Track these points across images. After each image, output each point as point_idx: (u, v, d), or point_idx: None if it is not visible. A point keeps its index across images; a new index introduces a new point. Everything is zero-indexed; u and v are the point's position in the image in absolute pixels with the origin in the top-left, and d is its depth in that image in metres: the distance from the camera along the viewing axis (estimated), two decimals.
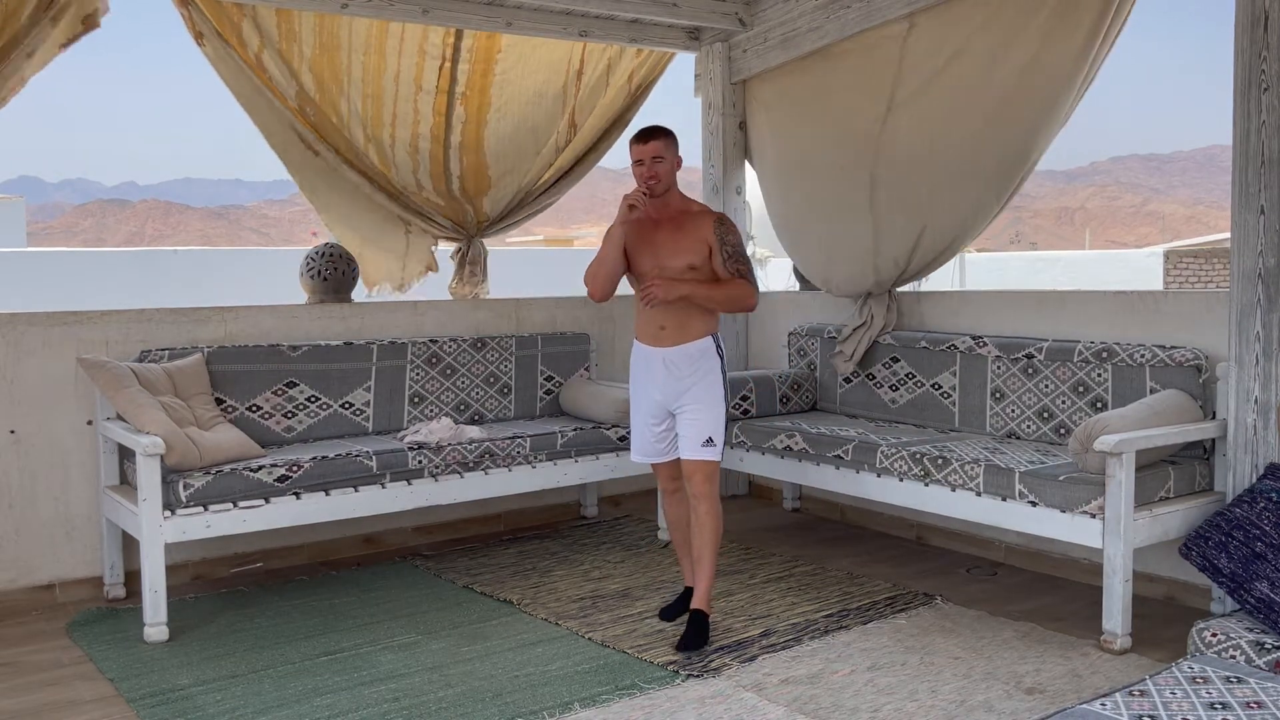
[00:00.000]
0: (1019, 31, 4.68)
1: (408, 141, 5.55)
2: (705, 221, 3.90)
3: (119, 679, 3.60)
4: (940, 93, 5.01)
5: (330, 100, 5.33)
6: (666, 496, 4.18)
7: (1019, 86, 4.72)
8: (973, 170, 4.92)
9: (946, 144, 4.98)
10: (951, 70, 4.96)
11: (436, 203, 5.70)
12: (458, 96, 5.60)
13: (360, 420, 5.02)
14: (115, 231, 69.58)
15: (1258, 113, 3.75)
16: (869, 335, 5.34)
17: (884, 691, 3.43)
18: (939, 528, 5.19)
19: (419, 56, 5.45)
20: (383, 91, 5.43)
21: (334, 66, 5.29)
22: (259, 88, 5.16)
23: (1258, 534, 3.46)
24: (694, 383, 3.90)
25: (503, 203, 5.88)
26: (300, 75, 5.21)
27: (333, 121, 5.35)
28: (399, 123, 5.51)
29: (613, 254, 3.88)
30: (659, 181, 3.84)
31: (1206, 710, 2.37)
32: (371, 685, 3.52)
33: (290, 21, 5.12)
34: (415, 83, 5.48)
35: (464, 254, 5.83)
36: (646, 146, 3.84)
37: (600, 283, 3.92)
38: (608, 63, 5.98)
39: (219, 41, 5.01)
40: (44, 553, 4.46)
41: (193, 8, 4.94)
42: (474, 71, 5.61)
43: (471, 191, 5.79)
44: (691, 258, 3.86)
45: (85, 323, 4.56)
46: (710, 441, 3.89)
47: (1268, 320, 3.77)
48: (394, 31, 5.34)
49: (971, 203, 4.98)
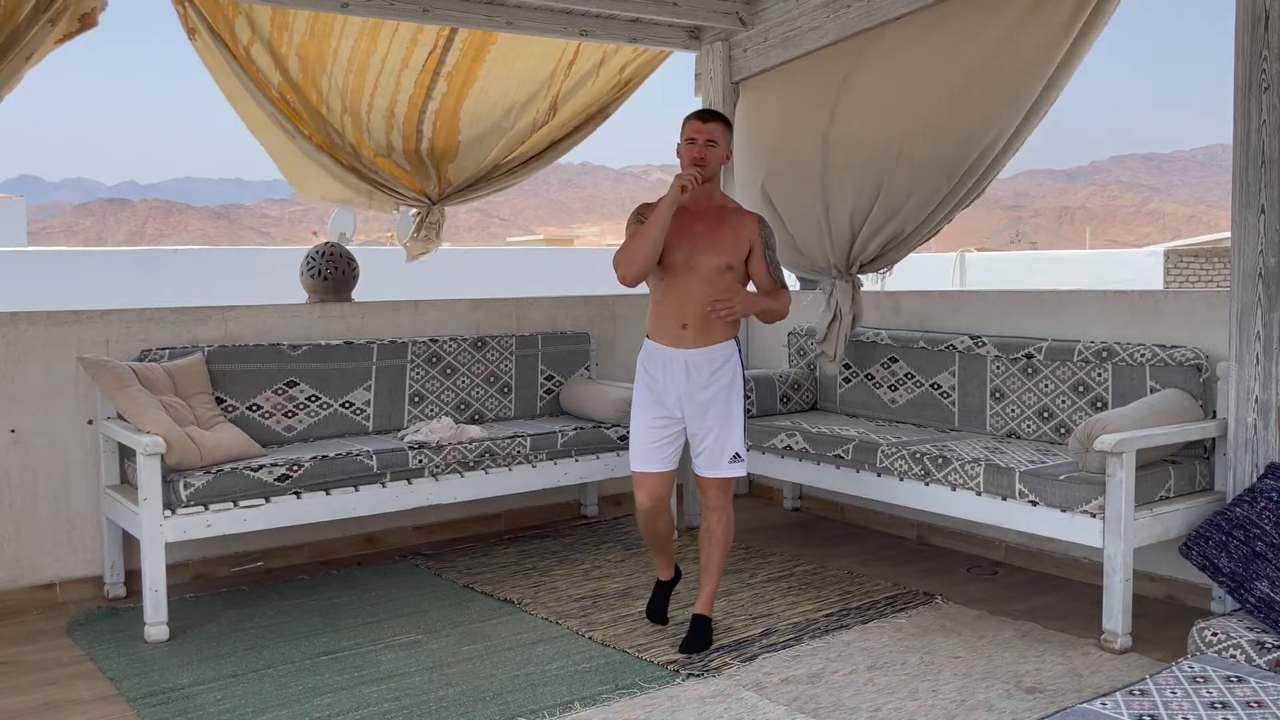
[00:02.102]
0: (990, 17, 4.67)
1: (385, 108, 5.64)
2: (749, 221, 3.78)
3: (119, 678, 3.60)
4: (897, 79, 5.03)
5: (312, 80, 5.42)
6: (643, 516, 3.88)
7: (978, 75, 4.72)
8: (929, 154, 4.89)
9: (900, 126, 4.98)
10: (910, 54, 4.99)
11: (404, 166, 5.79)
12: (442, 75, 5.67)
13: (360, 420, 5.02)
14: (115, 231, 69.57)
15: (1258, 112, 3.75)
16: (842, 329, 5.31)
17: (884, 691, 3.43)
18: (939, 527, 5.19)
19: (411, 45, 5.49)
20: (367, 68, 5.50)
21: (320, 50, 5.36)
22: (243, 80, 5.22)
23: (1258, 533, 3.46)
24: (715, 393, 3.75)
25: (466, 171, 5.92)
26: (286, 61, 5.31)
27: (311, 100, 5.45)
28: (379, 93, 5.60)
29: (657, 236, 3.59)
30: (706, 165, 3.67)
31: (1207, 710, 2.37)
32: (372, 684, 3.52)
33: (284, 13, 5.15)
34: (403, 62, 5.55)
35: (423, 218, 5.91)
36: (705, 126, 3.67)
37: (637, 266, 3.63)
38: (602, 55, 5.98)
39: (210, 37, 5.07)
40: (44, 552, 4.46)
41: (189, 4, 4.96)
42: (464, 57, 5.67)
43: (439, 156, 5.86)
44: (730, 257, 3.70)
45: (85, 322, 4.56)
46: (737, 457, 3.79)
47: (1268, 319, 3.77)
48: (388, 24, 5.35)
49: (929, 183, 4.95)
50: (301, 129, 5.43)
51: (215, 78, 5.29)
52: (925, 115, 4.92)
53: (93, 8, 4.48)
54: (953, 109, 4.83)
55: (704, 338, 3.74)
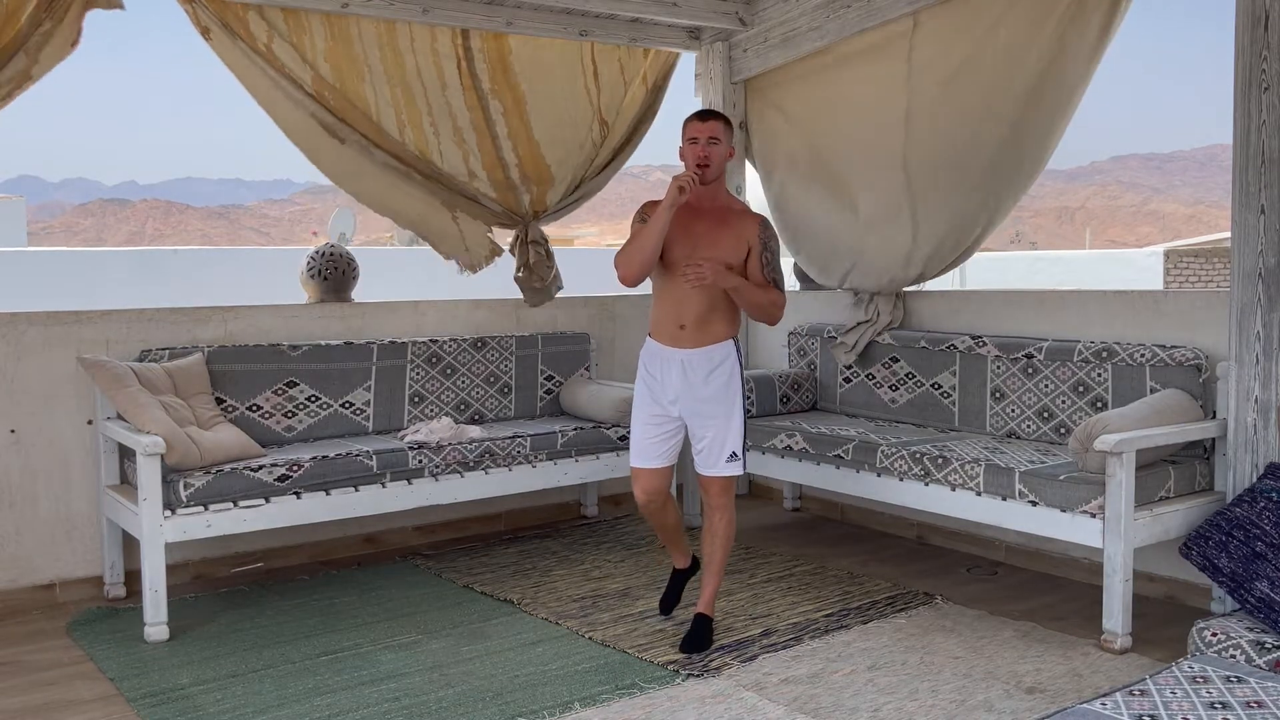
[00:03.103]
0: (1036, 30, 4.66)
1: (451, 133, 5.42)
2: (750, 222, 3.78)
3: (119, 678, 3.60)
4: (957, 93, 5.00)
5: (352, 87, 5.14)
6: (642, 510, 3.95)
7: (1037, 86, 4.70)
8: (991, 169, 4.89)
9: (966, 144, 4.96)
10: (966, 71, 4.96)
11: (489, 194, 5.54)
12: (487, 92, 5.51)
13: (360, 420, 5.02)
14: (115, 231, 69.55)
15: (1258, 112, 3.75)
16: (873, 330, 5.35)
17: (884, 691, 3.43)
18: (939, 527, 5.19)
19: (432, 56, 5.40)
20: (410, 86, 5.29)
21: (351, 56, 5.14)
22: (272, 78, 4.97)
23: (1258, 533, 3.46)
24: (712, 392, 3.76)
25: (561, 189, 5.79)
26: (316, 64, 5.06)
27: (356, 107, 5.16)
28: (437, 114, 5.36)
29: (657, 239, 3.63)
30: (710, 165, 3.67)
31: (1207, 710, 2.37)
32: (372, 685, 3.52)
33: (298, 18, 5.04)
34: (439, 79, 5.35)
35: (522, 239, 5.64)
36: (705, 125, 3.68)
37: (637, 267, 3.67)
38: (619, 62, 5.95)
39: (226, 34, 4.90)
40: (44, 552, 4.46)
41: (198, 5, 4.89)
42: (493, 70, 5.53)
43: (533, 179, 5.68)
44: (729, 256, 3.70)
45: (85, 322, 4.56)
46: (734, 456, 3.80)
47: (1268, 319, 3.77)
48: (402, 31, 5.30)
49: (985, 201, 4.96)
50: (351, 125, 5.11)
51: (241, 78, 4.97)
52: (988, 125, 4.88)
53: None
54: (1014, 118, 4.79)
55: (701, 337, 3.75)
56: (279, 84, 4.99)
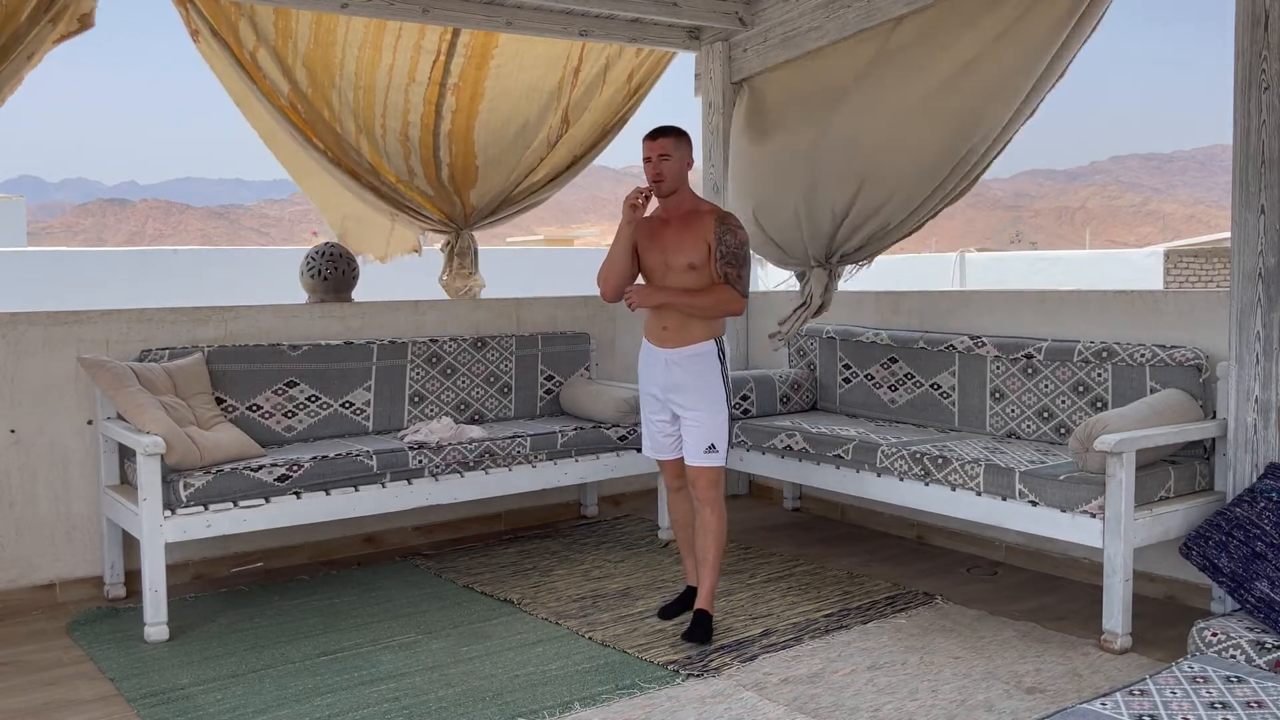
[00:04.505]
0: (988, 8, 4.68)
1: (398, 130, 5.60)
2: (709, 220, 3.90)
3: (119, 678, 3.60)
4: (892, 72, 5.03)
5: (323, 94, 5.37)
6: (671, 494, 4.20)
7: (968, 70, 4.71)
8: (916, 148, 4.90)
9: (889, 120, 4.99)
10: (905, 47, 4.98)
11: (426, 192, 5.73)
12: (449, 87, 5.64)
13: (360, 420, 5.02)
14: (115, 231, 69.52)
15: (1258, 112, 3.75)
16: (806, 314, 5.40)
17: (884, 691, 3.43)
18: (939, 527, 5.19)
19: (414, 52, 5.46)
20: (375, 84, 5.47)
21: (328, 61, 5.32)
22: (250, 87, 5.19)
23: (1258, 533, 3.46)
24: (693, 387, 3.91)
25: (488, 195, 5.89)
26: (294, 71, 5.24)
27: (324, 116, 5.38)
28: (390, 113, 5.55)
29: (621, 257, 3.93)
30: (664, 180, 3.86)
31: (1207, 710, 2.37)
32: (372, 685, 3.52)
33: (287, 19, 5.13)
34: (409, 74, 5.52)
35: (452, 246, 5.87)
36: (654, 143, 3.88)
37: (611, 285, 3.97)
38: (606, 60, 5.98)
39: (214, 40, 5.03)
40: (44, 552, 4.46)
41: (191, 6, 4.94)
42: (468, 64, 5.63)
43: (460, 182, 5.82)
44: (692, 256, 3.86)
45: (85, 322, 4.56)
46: (712, 448, 3.91)
47: (1268, 320, 3.77)
48: (391, 29, 5.34)
49: (910, 176, 4.95)
50: (316, 142, 5.37)
51: (222, 82, 5.26)
52: (915, 109, 4.92)
53: (91, 8, 4.49)
54: (942, 103, 4.83)
55: (682, 338, 3.93)
56: (255, 92, 5.22)
